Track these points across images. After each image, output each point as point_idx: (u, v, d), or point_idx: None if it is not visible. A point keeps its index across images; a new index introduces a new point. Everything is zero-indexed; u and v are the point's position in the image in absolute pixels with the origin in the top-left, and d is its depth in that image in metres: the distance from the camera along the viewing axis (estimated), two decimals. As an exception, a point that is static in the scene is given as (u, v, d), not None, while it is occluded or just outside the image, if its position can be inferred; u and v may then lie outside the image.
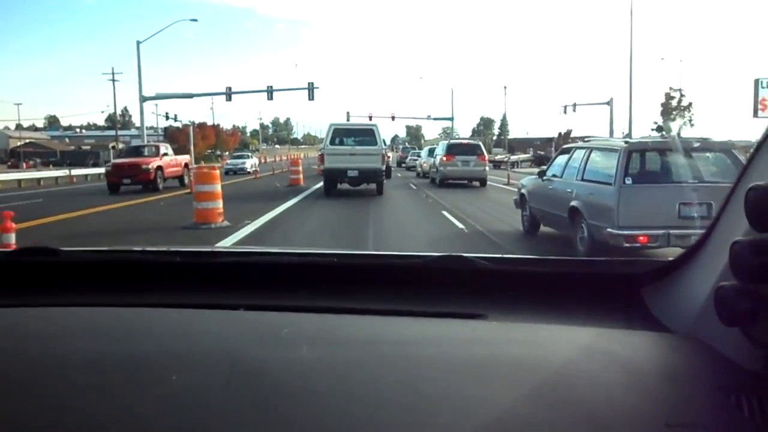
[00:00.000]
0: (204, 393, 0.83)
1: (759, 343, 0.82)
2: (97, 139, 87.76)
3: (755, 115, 28.51)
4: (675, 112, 56.62)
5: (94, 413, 0.79)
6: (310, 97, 39.30)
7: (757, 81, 28.43)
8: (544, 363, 0.92)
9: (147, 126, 79.41)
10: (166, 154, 22.02)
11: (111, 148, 56.16)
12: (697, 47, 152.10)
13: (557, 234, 8.63)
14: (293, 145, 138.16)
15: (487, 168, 22.48)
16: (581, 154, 7.95)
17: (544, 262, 1.37)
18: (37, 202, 17.08)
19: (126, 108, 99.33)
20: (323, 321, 1.11)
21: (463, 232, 10.26)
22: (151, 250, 1.49)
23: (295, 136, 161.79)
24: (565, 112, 49.89)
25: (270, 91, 39.40)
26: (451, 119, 66.52)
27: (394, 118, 61.19)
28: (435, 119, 68.04)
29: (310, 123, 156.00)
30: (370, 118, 41.27)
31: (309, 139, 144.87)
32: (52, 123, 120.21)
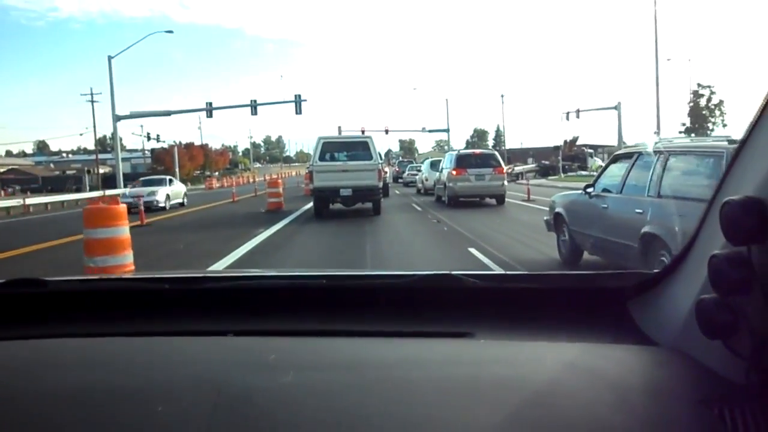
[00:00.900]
0: (190, 423, 0.83)
1: (739, 354, 0.83)
2: (84, 163, 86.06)
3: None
4: (705, 111, 53.95)
5: None
6: (298, 110, 37.42)
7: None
8: (528, 382, 0.93)
9: (136, 148, 78.75)
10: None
11: (86, 172, 54.16)
12: (709, 45, 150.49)
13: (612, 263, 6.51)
14: (285, 163, 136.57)
15: (505, 182, 18.85)
16: (653, 162, 5.86)
17: (531, 278, 1.39)
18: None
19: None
20: (311, 345, 1.11)
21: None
22: (139, 277, 1.46)
23: (287, 153, 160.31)
24: (567, 118, 46.96)
25: (254, 106, 37.40)
26: (447, 131, 64.71)
27: (387, 132, 59.10)
28: (430, 131, 66.21)
29: (303, 140, 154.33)
30: (363, 132, 38.68)
31: (302, 157, 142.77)
32: (42, 148, 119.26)
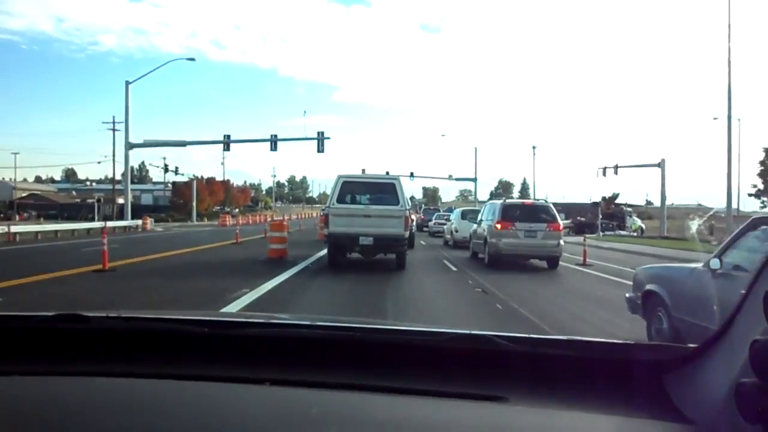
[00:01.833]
0: None
1: None
2: (107, 193, 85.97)
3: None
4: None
5: None
6: (320, 148, 36.13)
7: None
8: None
9: (159, 180, 77.98)
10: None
11: (98, 201, 53.34)
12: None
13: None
14: (308, 204, 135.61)
15: (562, 242, 15.19)
16: None
17: (566, 344, 1.36)
18: None
19: (143, 162, 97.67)
20: (349, 400, 1.13)
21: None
22: (181, 318, 1.46)
23: (310, 194, 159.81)
24: (604, 174, 42.88)
25: (274, 141, 36.05)
26: (474, 180, 62.80)
27: (413, 176, 57.53)
28: (457, 179, 64.52)
29: (326, 181, 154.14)
30: (388, 174, 36.76)
31: (324, 198, 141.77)
32: (69, 176, 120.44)
